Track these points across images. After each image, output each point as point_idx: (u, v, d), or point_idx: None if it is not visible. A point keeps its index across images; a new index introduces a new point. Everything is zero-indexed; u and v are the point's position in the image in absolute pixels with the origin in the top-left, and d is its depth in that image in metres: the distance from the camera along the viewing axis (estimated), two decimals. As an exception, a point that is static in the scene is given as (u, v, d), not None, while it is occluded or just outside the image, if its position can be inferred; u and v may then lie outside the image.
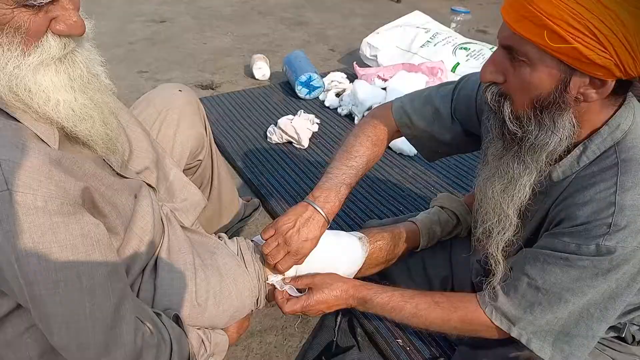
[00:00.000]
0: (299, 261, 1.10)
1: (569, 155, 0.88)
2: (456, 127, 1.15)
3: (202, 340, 0.98)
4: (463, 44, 2.79)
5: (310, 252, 1.10)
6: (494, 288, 0.97)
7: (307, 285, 1.09)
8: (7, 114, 0.72)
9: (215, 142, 2.24)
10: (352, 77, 2.79)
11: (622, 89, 0.81)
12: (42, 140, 0.73)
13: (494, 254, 0.97)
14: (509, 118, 0.86)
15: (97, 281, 0.75)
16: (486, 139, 1.01)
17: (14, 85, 0.70)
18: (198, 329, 1.00)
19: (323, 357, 1.27)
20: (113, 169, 0.91)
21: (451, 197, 1.40)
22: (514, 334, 0.93)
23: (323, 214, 1.10)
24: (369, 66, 2.94)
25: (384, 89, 2.45)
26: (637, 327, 1.01)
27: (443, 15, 3.90)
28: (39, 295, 0.70)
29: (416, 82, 2.42)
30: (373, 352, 1.29)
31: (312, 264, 1.14)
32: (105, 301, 0.76)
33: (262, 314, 1.41)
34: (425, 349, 1.27)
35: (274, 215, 1.83)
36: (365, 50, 2.98)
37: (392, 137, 1.24)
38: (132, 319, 0.81)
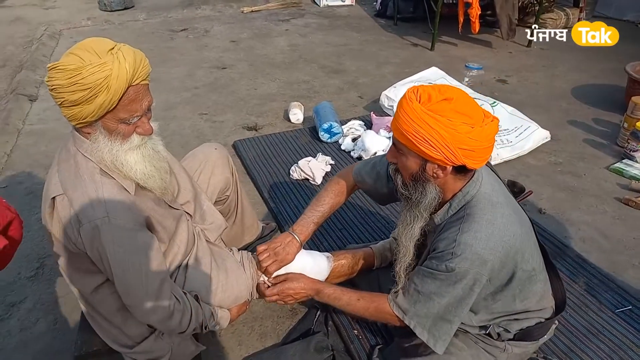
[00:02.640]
0: (281, 266, 1.66)
1: (441, 209, 1.39)
2: (391, 184, 1.66)
3: (212, 313, 1.56)
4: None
5: (290, 261, 1.66)
6: (397, 291, 1.47)
7: (282, 279, 1.65)
8: (108, 174, 1.33)
9: (249, 174, 2.88)
10: (369, 124, 3.31)
11: (464, 169, 1.30)
12: (126, 189, 1.34)
13: (400, 273, 1.46)
14: (401, 185, 1.38)
15: (150, 268, 1.34)
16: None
17: (115, 159, 1.30)
18: (210, 306, 1.58)
19: (300, 337, 1.81)
20: (166, 203, 1.51)
21: (403, 230, 1.92)
22: (406, 321, 1.40)
23: (299, 240, 1.66)
24: (388, 114, 3.46)
25: (389, 137, 2.97)
26: (502, 329, 1.47)
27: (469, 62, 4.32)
28: (119, 273, 1.30)
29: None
30: (337, 338, 1.82)
31: (291, 271, 1.69)
32: (154, 281, 1.35)
33: (264, 307, 1.98)
34: (372, 337, 1.78)
35: (286, 237, 2.38)
36: (384, 101, 3.49)
37: (352, 190, 1.77)
38: (169, 293, 1.39)
